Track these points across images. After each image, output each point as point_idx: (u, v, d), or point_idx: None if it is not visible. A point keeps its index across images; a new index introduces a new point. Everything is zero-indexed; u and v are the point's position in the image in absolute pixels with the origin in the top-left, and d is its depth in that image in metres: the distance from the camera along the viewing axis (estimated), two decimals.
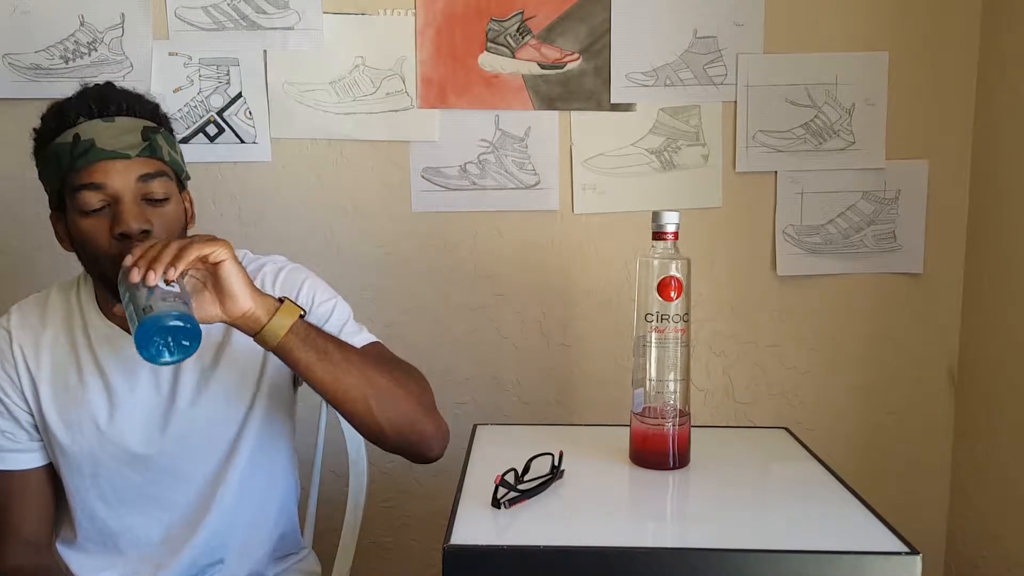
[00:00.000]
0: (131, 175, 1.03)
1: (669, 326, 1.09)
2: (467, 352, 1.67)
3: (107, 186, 1.02)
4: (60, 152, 1.03)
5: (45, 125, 1.06)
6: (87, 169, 1.01)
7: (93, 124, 1.03)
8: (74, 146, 1.01)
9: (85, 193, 1.01)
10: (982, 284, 1.61)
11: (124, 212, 1.01)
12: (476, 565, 0.89)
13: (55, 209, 1.10)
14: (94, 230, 1.03)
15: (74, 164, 1.01)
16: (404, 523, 1.68)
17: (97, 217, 1.02)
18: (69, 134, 1.02)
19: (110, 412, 1.12)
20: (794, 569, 0.87)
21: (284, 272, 1.16)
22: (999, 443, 1.55)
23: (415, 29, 1.58)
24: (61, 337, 1.14)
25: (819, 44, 1.60)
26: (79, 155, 1.01)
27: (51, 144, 1.04)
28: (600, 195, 1.63)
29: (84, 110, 1.03)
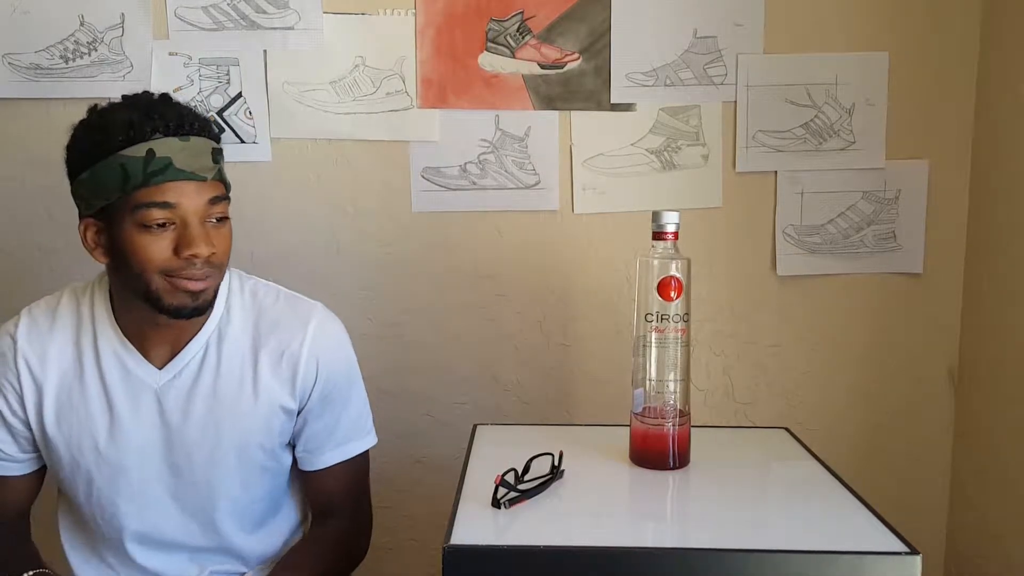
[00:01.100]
0: (202, 197, 1.03)
1: (669, 326, 1.09)
2: (467, 352, 1.67)
3: (179, 206, 1.01)
4: (129, 165, 1.00)
5: (108, 135, 1.02)
6: (160, 187, 1.00)
7: (168, 142, 1.01)
8: (148, 162, 0.99)
9: (153, 209, 1.00)
10: (982, 284, 1.61)
11: (194, 235, 1.01)
12: (476, 565, 0.89)
13: (93, 216, 1.06)
14: (154, 245, 1.01)
15: (147, 180, 0.99)
16: (404, 523, 1.68)
17: (159, 233, 1.01)
18: (142, 148, 0.99)
19: (110, 432, 1.12)
20: (794, 569, 0.87)
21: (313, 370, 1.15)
22: (999, 443, 1.55)
23: (415, 29, 1.58)
24: (68, 347, 1.13)
25: (819, 44, 1.60)
26: (153, 172, 0.99)
27: (115, 155, 1.00)
28: (600, 195, 1.63)
29: (160, 126, 1.01)
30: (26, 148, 1.61)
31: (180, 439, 1.12)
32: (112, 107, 1.06)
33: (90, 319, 1.13)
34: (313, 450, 1.20)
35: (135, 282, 1.05)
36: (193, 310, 1.06)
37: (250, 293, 1.17)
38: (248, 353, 1.14)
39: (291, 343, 1.14)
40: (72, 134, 1.08)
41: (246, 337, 1.14)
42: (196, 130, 1.04)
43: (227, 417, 1.13)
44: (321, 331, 1.16)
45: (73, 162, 1.06)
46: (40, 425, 1.12)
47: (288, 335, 1.14)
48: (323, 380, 1.16)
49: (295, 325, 1.15)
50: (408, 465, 1.66)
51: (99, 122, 1.04)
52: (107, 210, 1.04)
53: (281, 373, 1.14)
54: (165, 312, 1.06)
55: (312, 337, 1.14)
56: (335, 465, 1.21)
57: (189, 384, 1.12)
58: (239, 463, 1.15)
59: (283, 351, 1.14)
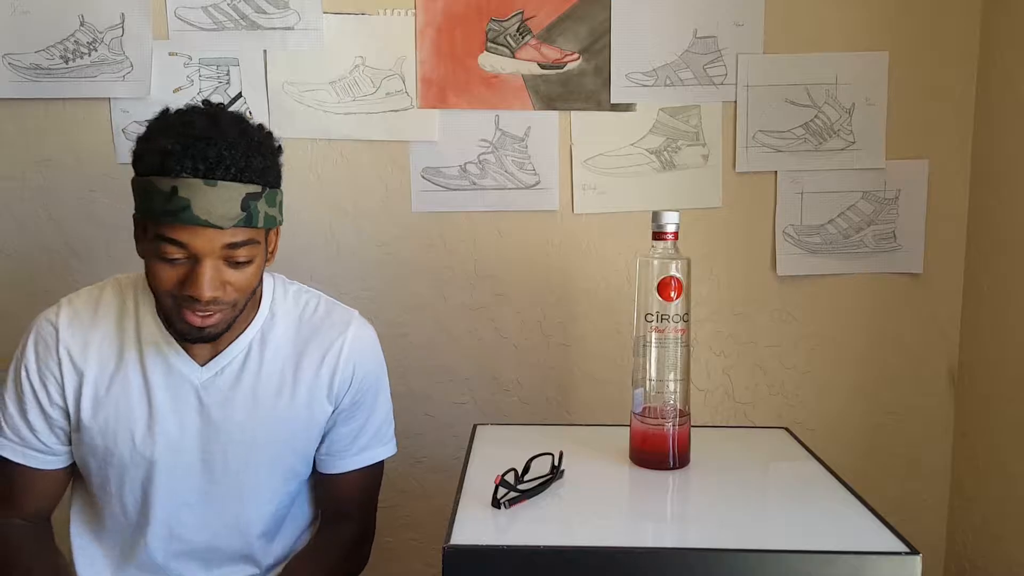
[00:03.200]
0: (218, 243, 1.01)
1: (669, 326, 1.09)
2: (467, 352, 1.67)
3: (190, 247, 1.00)
4: (153, 193, 0.99)
5: (142, 159, 1.02)
6: (173, 227, 0.99)
7: (193, 184, 0.98)
8: (169, 199, 0.97)
9: (167, 245, 1.00)
10: (982, 284, 1.61)
11: (200, 277, 1.00)
12: (476, 565, 0.89)
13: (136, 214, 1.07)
14: (164, 273, 1.02)
15: (163, 217, 0.98)
16: (404, 523, 1.68)
17: (171, 265, 1.01)
18: (167, 183, 0.98)
19: (148, 424, 1.12)
20: (794, 569, 0.87)
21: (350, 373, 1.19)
22: (999, 443, 1.55)
23: (415, 29, 1.58)
24: (111, 338, 1.13)
25: (819, 44, 1.60)
26: (171, 211, 0.98)
27: (147, 178, 1.00)
28: (600, 195, 1.63)
29: (189, 166, 0.98)
30: (26, 148, 1.61)
31: (217, 437, 1.13)
32: (167, 122, 1.04)
33: (134, 311, 1.14)
34: (335, 453, 1.22)
35: (153, 292, 1.07)
36: (199, 338, 1.07)
37: (293, 298, 1.20)
38: (290, 356, 1.17)
39: (331, 347, 1.17)
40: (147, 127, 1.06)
41: (288, 341, 1.17)
42: (231, 175, 1.00)
43: (265, 418, 1.14)
44: (359, 337, 1.20)
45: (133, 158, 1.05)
46: (77, 413, 1.12)
47: (328, 339, 1.18)
48: (356, 384, 1.20)
49: (335, 330, 1.18)
50: (408, 465, 1.66)
51: (147, 133, 1.03)
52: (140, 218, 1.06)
53: (321, 376, 1.17)
54: (175, 333, 1.08)
55: (351, 341, 1.18)
56: (354, 471, 1.23)
57: (230, 383, 1.14)
58: (271, 464, 1.17)
59: (324, 355, 1.17)
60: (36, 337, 1.14)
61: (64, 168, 1.61)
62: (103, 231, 1.62)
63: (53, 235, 1.63)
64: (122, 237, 1.62)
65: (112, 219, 1.62)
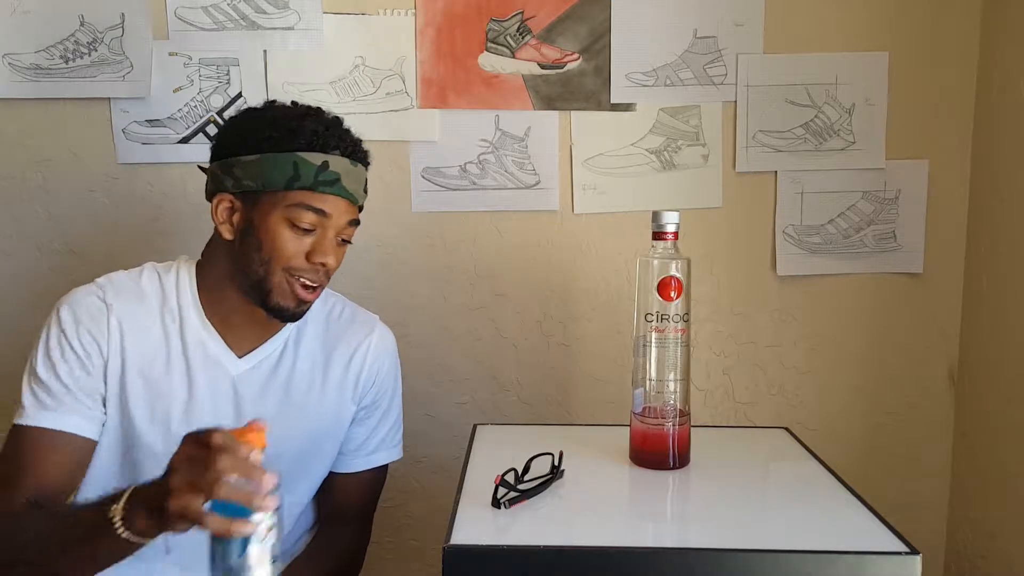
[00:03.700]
0: (346, 217, 1.12)
1: (669, 326, 1.09)
2: (467, 352, 1.67)
3: (330, 217, 1.09)
4: (302, 166, 1.07)
5: (293, 134, 1.08)
6: (322, 196, 1.08)
7: (342, 160, 1.10)
8: (321, 170, 1.07)
9: (308, 212, 1.08)
10: (982, 284, 1.61)
11: (328, 246, 1.10)
12: (476, 565, 0.89)
13: (234, 194, 1.10)
14: (292, 242, 1.08)
15: (315, 186, 1.07)
16: (404, 523, 1.68)
17: (300, 234, 1.09)
18: (319, 157, 1.08)
19: (185, 410, 1.12)
20: (794, 569, 0.87)
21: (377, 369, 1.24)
22: (999, 443, 1.55)
23: (415, 29, 1.58)
24: (155, 321, 1.13)
25: (819, 44, 1.60)
26: (323, 182, 1.07)
27: (293, 153, 1.07)
28: (600, 195, 1.63)
29: (339, 145, 1.10)
30: (26, 148, 1.61)
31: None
32: (294, 110, 1.12)
33: (175, 298, 1.14)
34: (347, 453, 1.24)
35: (254, 268, 1.09)
36: (292, 315, 1.13)
37: (320, 300, 1.22)
38: (320, 356, 1.21)
39: (358, 348, 1.22)
40: (242, 117, 1.13)
41: (317, 341, 1.21)
42: (362, 160, 1.14)
43: (296, 415, 1.16)
44: (382, 339, 1.26)
45: (236, 142, 1.10)
46: (118, 390, 1.11)
47: (355, 341, 1.23)
48: (378, 386, 1.25)
49: (362, 332, 1.24)
50: (408, 465, 1.65)
51: (283, 118, 1.10)
52: (255, 195, 1.09)
53: (348, 377, 1.21)
54: (269, 308, 1.11)
55: (375, 343, 1.24)
56: (361, 472, 1.25)
57: (265, 377, 1.16)
58: (297, 461, 1.17)
59: (351, 355, 1.22)
60: (76, 309, 1.10)
61: (64, 168, 1.61)
62: (103, 231, 1.62)
63: (53, 235, 1.63)
64: (122, 237, 1.62)
65: (112, 219, 1.62)
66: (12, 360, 1.66)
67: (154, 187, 1.62)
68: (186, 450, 0.83)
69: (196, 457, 0.81)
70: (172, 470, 0.83)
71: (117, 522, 0.87)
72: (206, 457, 0.80)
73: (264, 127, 1.09)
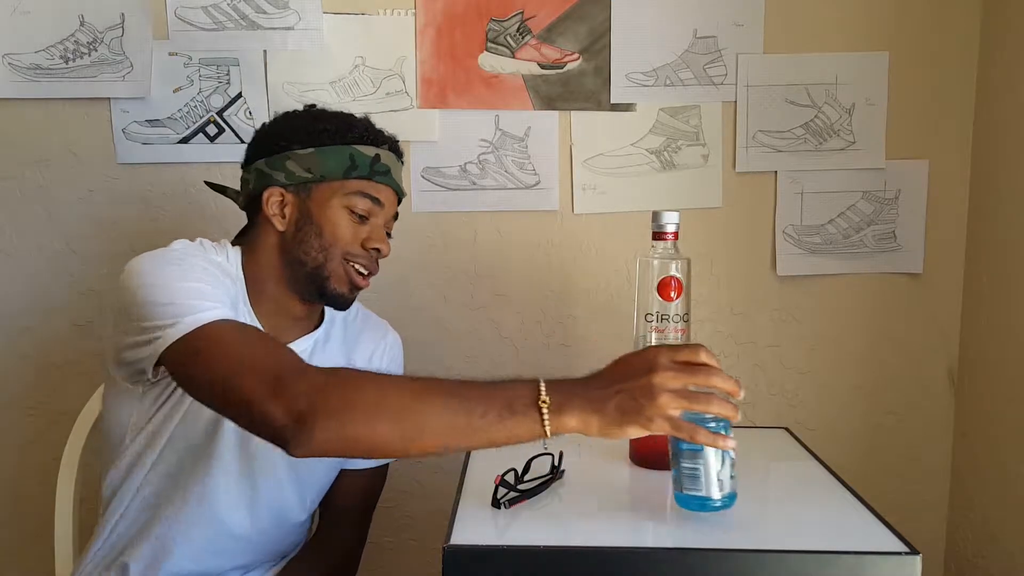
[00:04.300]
0: (393, 208, 1.20)
1: (669, 326, 1.09)
2: (467, 352, 1.67)
3: (383, 206, 1.17)
4: (358, 157, 1.15)
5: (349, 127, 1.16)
6: (376, 185, 1.16)
7: (390, 155, 1.19)
8: (374, 161, 1.15)
9: (365, 199, 1.15)
10: (982, 284, 1.61)
11: (381, 234, 1.17)
12: (476, 565, 0.89)
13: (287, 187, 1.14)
14: (350, 228, 1.15)
15: (371, 176, 1.15)
16: (404, 523, 1.68)
17: (357, 220, 1.15)
18: (372, 151, 1.16)
19: None
20: (794, 569, 0.87)
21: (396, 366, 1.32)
22: (999, 443, 1.55)
23: (415, 29, 1.58)
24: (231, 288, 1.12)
25: (819, 44, 1.60)
26: (377, 172, 1.16)
27: (349, 146, 1.14)
28: (600, 195, 1.63)
29: (389, 143, 1.19)
30: (26, 148, 1.61)
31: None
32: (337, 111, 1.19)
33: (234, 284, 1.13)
34: None
35: (313, 255, 1.13)
36: (346, 302, 1.18)
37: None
38: (340, 356, 1.24)
39: (376, 349, 1.29)
40: (288, 116, 1.19)
41: (339, 342, 1.25)
42: (401, 156, 1.23)
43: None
44: (395, 341, 1.33)
45: (288, 137, 1.15)
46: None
47: (373, 342, 1.29)
48: None
49: (378, 334, 1.30)
50: (408, 465, 1.65)
51: (333, 116, 1.18)
52: (308, 185, 1.14)
53: None
54: (325, 295, 1.15)
55: (391, 345, 1.32)
56: (365, 469, 1.27)
57: None
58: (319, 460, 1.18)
59: (370, 356, 1.28)
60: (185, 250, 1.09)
61: (64, 168, 1.61)
62: (103, 231, 1.62)
63: (53, 235, 1.63)
64: (122, 237, 1.62)
65: (112, 219, 1.62)
66: (12, 360, 1.67)
67: (154, 187, 1.62)
68: (664, 359, 0.87)
69: (677, 368, 0.86)
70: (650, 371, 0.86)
71: (544, 410, 0.87)
72: (693, 370, 0.86)
73: (318, 122, 1.16)
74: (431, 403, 0.89)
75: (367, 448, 0.90)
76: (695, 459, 0.91)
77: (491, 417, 0.87)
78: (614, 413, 0.87)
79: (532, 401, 0.87)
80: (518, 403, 0.87)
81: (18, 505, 1.67)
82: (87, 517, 1.29)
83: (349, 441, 0.88)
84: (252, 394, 0.89)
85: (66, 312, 1.64)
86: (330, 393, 0.88)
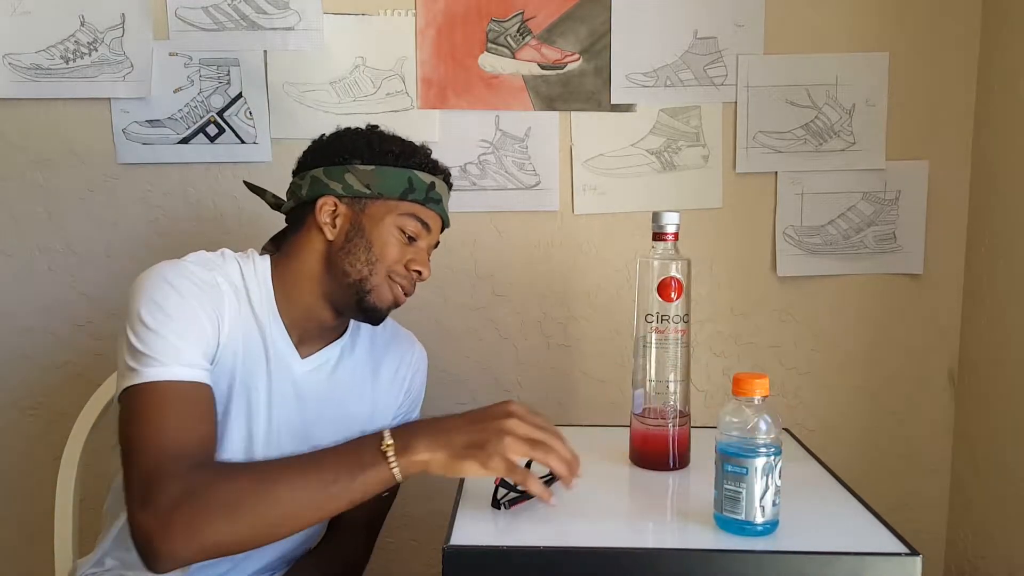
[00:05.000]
0: (437, 236, 1.22)
1: (669, 327, 1.09)
2: (467, 352, 1.67)
3: (430, 231, 1.19)
4: (417, 181, 1.17)
5: (412, 153, 1.19)
6: (428, 211, 1.18)
7: (444, 186, 1.21)
8: (430, 188, 1.18)
9: (416, 222, 1.17)
10: (982, 284, 1.61)
11: (425, 258, 1.19)
12: (476, 565, 0.89)
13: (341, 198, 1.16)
14: (398, 247, 1.16)
15: (425, 201, 1.17)
16: (404, 523, 1.68)
17: (405, 243, 1.17)
18: (429, 178, 1.18)
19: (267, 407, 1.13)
20: (794, 569, 0.87)
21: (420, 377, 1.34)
22: (999, 443, 1.55)
23: (415, 29, 1.58)
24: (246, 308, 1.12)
25: (819, 45, 1.61)
26: (431, 199, 1.18)
27: (408, 169, 1.17)
28: (600, 196, 1.63)
29: (444, 175, 1.22)
30: (26, 148, 1.61)
31: (304, 430, 1.15)
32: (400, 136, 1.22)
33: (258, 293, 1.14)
34: None
35: (358, 267, 1.14)
36: (380, 317, 1.18)
37: None
38: (367, 366, 1.25)
39: (403, 359, 1.30)
40: (352, 133, 1.21)
41: (365, 352, 1.26)
42: (451, 189, 1.25)
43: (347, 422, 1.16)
44: (422, 354, 1.34)
45: (351, 151, 1.17)
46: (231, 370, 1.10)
47: (400, 353, 1.30)
48: (413, 396, 1.32)
49: (405, 345, 1.32)
50: None
51: (397, 139, 1.20)
52: (364, 200, 1.16)
53: (394, 386, 1.28)
54: (362, 307, 1.15)
55: (418, 357, 1.33)
56: None
57: (324, 381, 1.19)
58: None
59: (397, 367, 1.29)
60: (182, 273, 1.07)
61: (64, 168, 1.61)
62: (103, 231, 1.62)
63: (53, 235, 1.63)
64: (122, 237, 1.62)
65: (112, 219, 1.62)
66: (12, 359, 1.67)
67: (154, 187, 1.62)
68: (520, 410, 0.98)
69: (530, 420, 0.97)
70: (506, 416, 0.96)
71: (389, 453, 0.93)
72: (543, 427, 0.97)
73: (382, 143, 1.18)
74: (284, 485, 0.93)
75: (234, 548, 0.94)
76: (739, 482, 0.90)
77: (343, 480, 0.93)
78: (459, 448, 0.94)
79: (376, 448, 0.94)
80: (365, 455, 0.94)
81: (18, 505, 1.67)
82: (87, 517, 1.29)
83: (211, 549, 0.92)
84: (129, 496, 0.94)
85: (66, 312, 1.64)
86: (183, 506, 0.90)
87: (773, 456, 0.90)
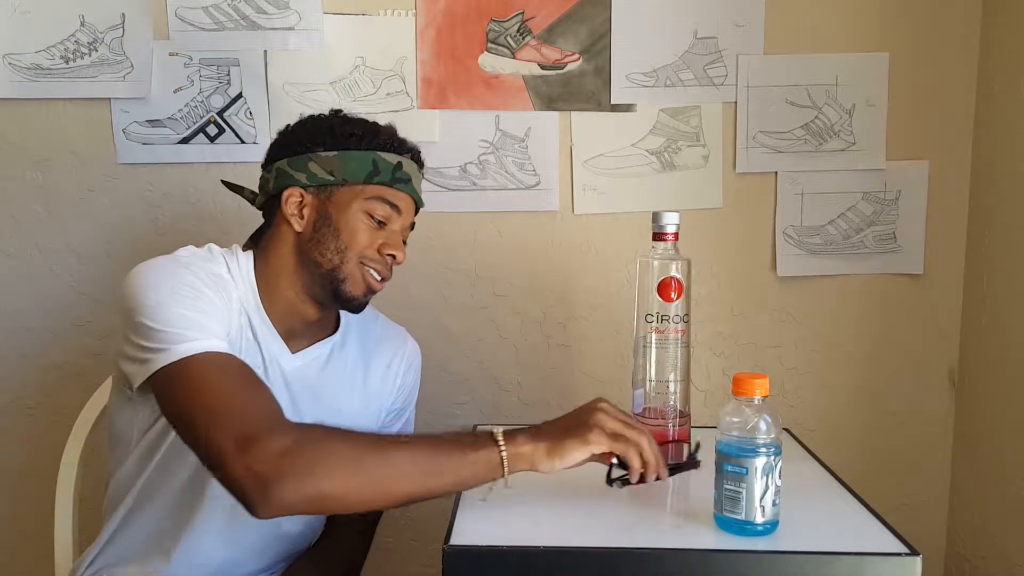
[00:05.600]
0: (411, 217, 1.20)
1: (669, 327, 1.09)
2: (467, 352, 1.67)
3: (402, 213, 1.17)
4: (382, 163, 1.14)
5: (374, 134, 1.16)
6: (397, 192, 1.16)
7: (412, 164, 1.18)
8: (396, 169, 1.15)
9: (385, 205, 1.15)
10: (982, 284, 1.61)
11: (397, 241, 1.17)
12: (476, 565, 0.89)
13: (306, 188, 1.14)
14: (368, 232, 1.14)
15: (392, 182, 1.15)
16: (404, 523, 1.68)
17: (375, 225, 1.15)
18: (395, 158, 1.16)
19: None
20: (794, 569, 0.87)
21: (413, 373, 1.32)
22: (999, 443, 1.55)
23: (415, 29, 1.58)
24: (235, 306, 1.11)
25: (819, 45, 1.60)
26: (398, 179, 1.15)
27: (372, 152, 1.15)
28: (600, 196, 1.63)
29: (411, 153, 1.19)
30: (26, 148, 1.61)
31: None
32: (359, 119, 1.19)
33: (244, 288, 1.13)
34: None
35: (329, 256, 1.13)
36: (359, 305, 1.17)
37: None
38: (359, 362, 1.24)
39: (395, 356, 1.29)
40: (314, 120, 1.19)
41: (356, 348, 1.25)
42: (422, 166, 1.22)
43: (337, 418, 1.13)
44: (415, 349, 1.33)
45: (313, 139, 1.15)
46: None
47: (392, 350, 1.29)
48: (406, 393, 1.31)
49: (398, 341, 1.31)
50: None
51: (359, 121, 1.18)
52: (329, 187, 1.14)
53: (385, 382, 1.27)
54: (339, 297, 1.14)
55: (410, 353, 1.31)
56: None
57: (314, 377, 1.18)
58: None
59: (389, 363, 1.28)
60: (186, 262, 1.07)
61: (64, 168, 1.61)
62: (103, 231, 1.63)
63: (53, 235, 1.63)
64: (122, 237, 1.62)
65: (112, 219, 1.62)
66: (12, 359, 1.67)
67: (154, 187, 1.62)
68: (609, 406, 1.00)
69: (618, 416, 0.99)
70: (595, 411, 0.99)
71: (500, 439, 0.96)
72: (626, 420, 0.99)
73: (343, 127, 1.16)
74: (403, 452, 0.96)
75: (340, 503, 0.95)
76: (738, 482, 0.90)
77: (456, 457, 0.95)
78: (558, 433, 0.97)
79: (486, 435, 0.97)
80: (478, 439, 0.97)
81: (18, 505, 1.67)
82: (87, 517, 1.29)
83: (318, 500, 0.92)
84: (221, 451, 0.92)
85: (66, 312, 1.64)
86: (298, 454, 0.91)
87: (773, 456, 0.90)
